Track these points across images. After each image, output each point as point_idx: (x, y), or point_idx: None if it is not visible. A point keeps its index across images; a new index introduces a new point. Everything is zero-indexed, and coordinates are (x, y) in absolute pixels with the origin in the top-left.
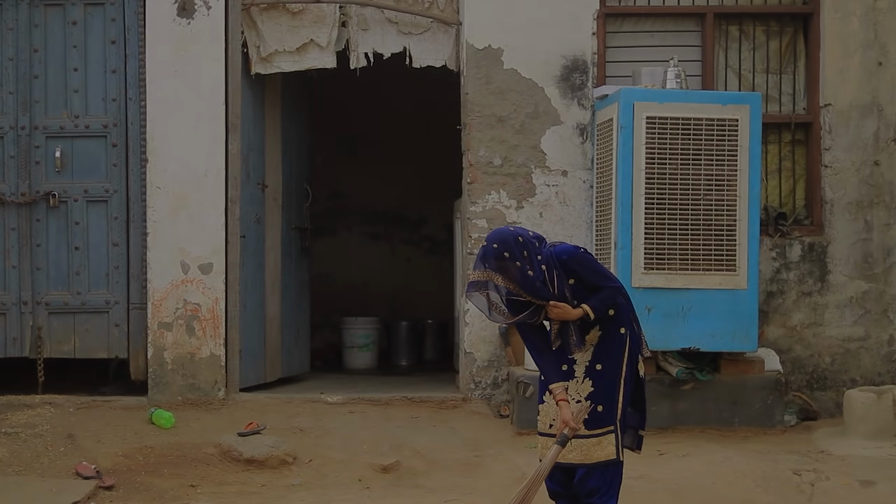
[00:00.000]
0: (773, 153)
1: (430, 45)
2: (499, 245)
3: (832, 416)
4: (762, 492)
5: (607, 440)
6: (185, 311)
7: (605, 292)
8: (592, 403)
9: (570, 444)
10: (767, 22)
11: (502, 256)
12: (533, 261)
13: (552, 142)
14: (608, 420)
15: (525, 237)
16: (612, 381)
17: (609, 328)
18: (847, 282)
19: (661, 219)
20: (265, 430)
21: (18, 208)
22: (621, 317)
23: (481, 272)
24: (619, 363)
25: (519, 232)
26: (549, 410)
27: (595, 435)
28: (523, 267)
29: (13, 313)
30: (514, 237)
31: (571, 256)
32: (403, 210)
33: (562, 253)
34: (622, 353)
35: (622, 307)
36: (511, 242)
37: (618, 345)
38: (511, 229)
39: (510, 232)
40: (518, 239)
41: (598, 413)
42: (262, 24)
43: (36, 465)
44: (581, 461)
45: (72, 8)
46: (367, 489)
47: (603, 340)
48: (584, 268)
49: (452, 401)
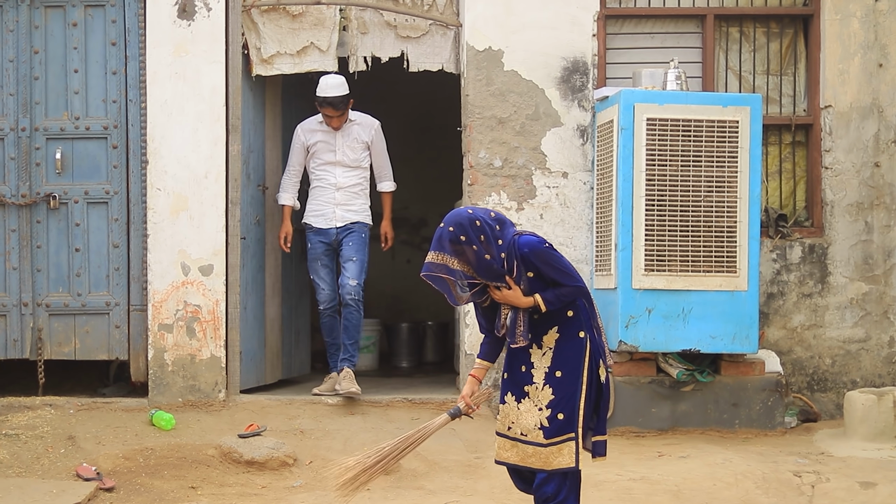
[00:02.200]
0: (773, 155)
1: (428, 48)
2: (454, 228)
3: (832, 417)
4: (762, 493)
5: (567, 448)
6: (185, 313)
7: (565, 289)
8: (553, 412)
9: (529, 451)
10: (768, 23)
11: (458, 240)
12: (491, 245)
13: (552, 143)
14: (568, 428)
15: (483, 220)
16: (572, 389)
17: (568, 331)
18: (847, 283)
19: (662, 220)
20: (265, 431)
21: (19, 210)
22: (581, 320)
23: (436, 254)
24: (579, 370)
25: (477, 215)
26: (510, 412)
27: (555, 443)
28: (480, 251)
29: (13, 315)
30: (471, 220)
31: (532, 249)
32: (404, 212)
33: (524, 245)
34: (582, 359)
35: (583, 309)
36: (467, 226)
37: (577, 349)
38: (469, 212)
39: (467, 215)
40: (475, 223)
41: (559, 421)
42: (263, 25)
43: (36, 467)
44: (541, 467)
45: (72, 9)
46: (368, 490)
47: (561, 344)
48: (544, 263)
49: (453, 402)
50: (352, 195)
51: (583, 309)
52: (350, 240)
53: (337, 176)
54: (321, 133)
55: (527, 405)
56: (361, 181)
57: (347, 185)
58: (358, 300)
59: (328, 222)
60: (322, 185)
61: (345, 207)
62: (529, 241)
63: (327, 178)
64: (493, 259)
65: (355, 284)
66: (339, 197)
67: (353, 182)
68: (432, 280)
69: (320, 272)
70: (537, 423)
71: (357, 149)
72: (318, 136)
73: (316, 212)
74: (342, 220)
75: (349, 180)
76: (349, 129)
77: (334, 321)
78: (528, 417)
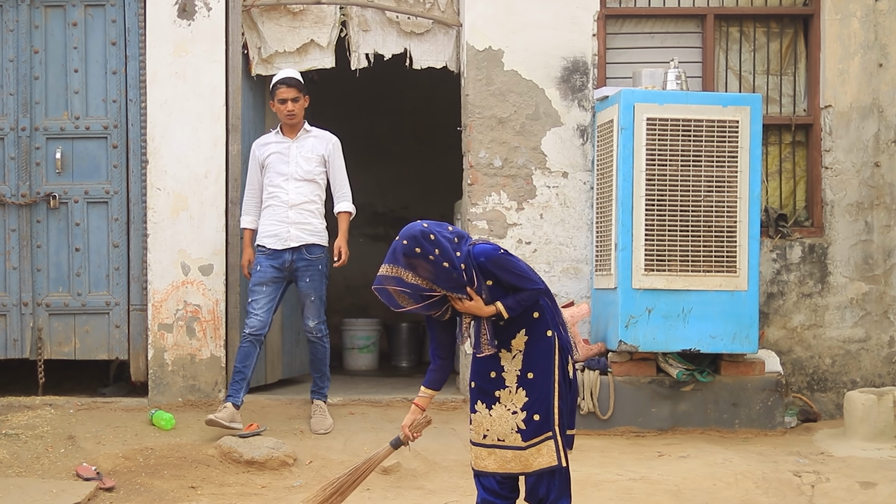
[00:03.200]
0: (773, 155)
1: (431, 46)
2: (409, 241)
3: (832, 417)
4: (762, 493)
5: (547, 447)
6: (185, 313)
7: (524, 294)
8: (528, 413)
9: (508, 455)
10: (768, 23)
11: (413, 253)
12: (450, 256)
13: (553, 143)
14: (545, 427)
15: (438, 234)
16: (546, 389)
17: (536, 332)
18: (847, 283)
19: (662, 220)
20: (265, 431)
21: (19, 209)
22: (546, 319)
23: (390, 268)
24: (550, 369)
25: (432, 229)
26: (482, 420)
27: (534, 444)
28: (437, 260)
29: (13, 314)
30: (426, 234)
31: (488, 258)
32: (404, 212)
33: (479, 255)
34: (552, 358)
35: (547, 309)
36: (421, 239)
37: (546, 348)
38: (424, 225)
39: (421, 229)
40: (430, 237)
41: (536, 422)
42: (263, 25)
43: (36, 467)
44: (521, 470)
45: (72, 9)
46: (368, 490)
47: (530, 346)
48: (501, 269)
49: (453, 402)
50: (306, 213)
51: (547, 308)
52: (308, 274)
53: (289, 192)
54: (275, 144)
55: (499, 410)
56: (315, 199)
57: (300, 201)
58: (322, 336)
59: (282, 243)
60: (274, 202)
61: (300, 227)
62: (485, 250)
63: (279, 194)
64: (453, 268)
65: (314, 324)
66: (292, 215)
67: (307, 199)
68: (380, 292)
69: (260, 300)
70: (513, 426)
71: (312, 160)
72: (271, 147)
73: (268, 232)
74: (297, 240)
75: (301, 196)
76: (305, 141)
77: (252, 349)
78: (503, 423)
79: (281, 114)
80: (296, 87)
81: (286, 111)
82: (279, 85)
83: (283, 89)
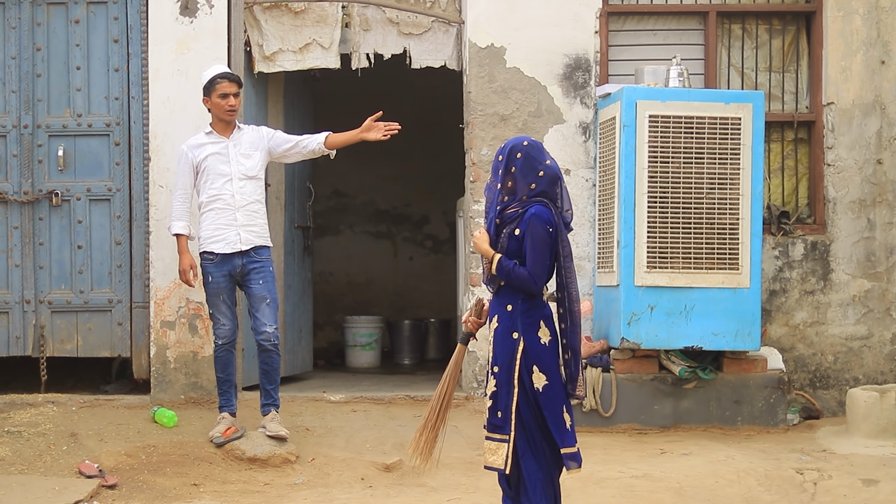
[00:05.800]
0: (775, 152)
1: (430, 45)
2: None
3: (835, 414)
4: (764, 490)
5: (501, 449)
6: (187, 310)
7: (521, 270)
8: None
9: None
10: (770, 20)
11: (512, 154)
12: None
13: (555, 140)
14: (506, 428)
15: (528, 164)
16: (506, 389)
17: (503, 326)
18: (850, 280)
19: (664, 217)
20: (245, 432)
21: (21, 207)
22: (516, 321)
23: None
24: (511, 372)
25: (535, 158)
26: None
27: (493, 439)
28: (495, 178)
29: (16, 312)
30: (527, 154)
31: (532, 221)
32: (406, 209)
33: (533, 211)
34: (513, 362)
35: (522, 314)
36: (520, 155)
37: (509, 350)
38: (526, 143)
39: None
40: (525, 156)
41: (498, 418)
42: (265, 22)
43: (38, 464)
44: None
45: (74, 6)
46: (370, 488)
47: (497, 338)
48: (529, 235)
49: (455, 399)
50: (253, 214)
51: (522, 313)
52: (260, 276)
53: (234, 193)
54: (211, 145)
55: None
56: (259, 198)
57: (246, 202)
58: (276, 344)
59: (232, 247)
60: (218, 205)
61: (247, 229)
62: (539, 213)
63: (223, 196)
64: (496, 193)
65: (273, 330)
66: (240, 218)
67: (252, 198)
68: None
69: (221, 308)
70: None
71: (252, 156)
72: (207, 148)
73: (216, 237)
74: (247, 242)
75: (247, 197)
76: (240, 138)
77: (230, 356)
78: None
79: (221, 109)
80: (237, 82)
81: (227, 106)
82: (220, 79)
83: (226, 83)
